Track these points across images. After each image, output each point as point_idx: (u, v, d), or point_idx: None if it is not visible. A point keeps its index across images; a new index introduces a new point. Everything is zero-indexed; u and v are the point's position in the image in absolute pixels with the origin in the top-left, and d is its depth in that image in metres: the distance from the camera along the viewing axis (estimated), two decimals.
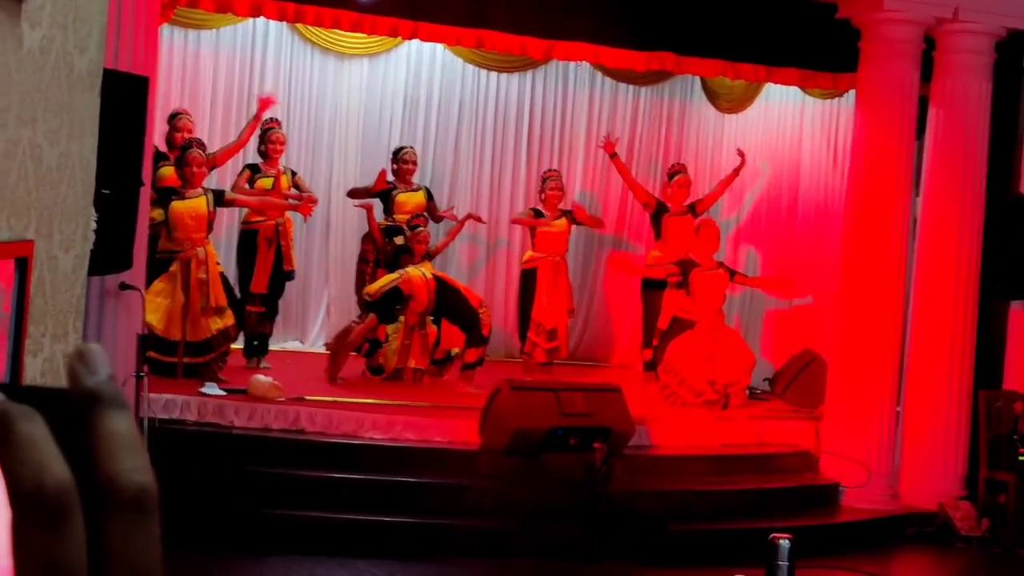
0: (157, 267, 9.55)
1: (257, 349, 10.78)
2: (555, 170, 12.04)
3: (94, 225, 3.28)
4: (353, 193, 11.64)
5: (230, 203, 10.19)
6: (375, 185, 11.35)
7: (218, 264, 9.96)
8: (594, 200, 13.07)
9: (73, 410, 0.64)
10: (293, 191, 10.80)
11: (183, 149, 9.90)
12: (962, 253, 10.52)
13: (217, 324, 9.76)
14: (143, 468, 0.65)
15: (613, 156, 11.81)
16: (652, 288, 11.88)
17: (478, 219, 11.81)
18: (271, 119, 10.79)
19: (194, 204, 9.74)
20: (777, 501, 9.87)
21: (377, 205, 11.37)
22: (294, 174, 10.96)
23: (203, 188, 9.84)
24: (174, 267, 9.67)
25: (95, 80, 3.23)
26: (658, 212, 11.90)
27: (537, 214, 11.63)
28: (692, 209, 11.90)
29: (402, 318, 10.55)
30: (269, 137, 10.69)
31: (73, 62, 3.05)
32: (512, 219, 12.34)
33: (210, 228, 9.89)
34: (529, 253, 11.73)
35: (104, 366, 0.66)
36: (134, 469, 0.64)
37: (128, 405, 0.66)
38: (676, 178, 11.99)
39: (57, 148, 3.03)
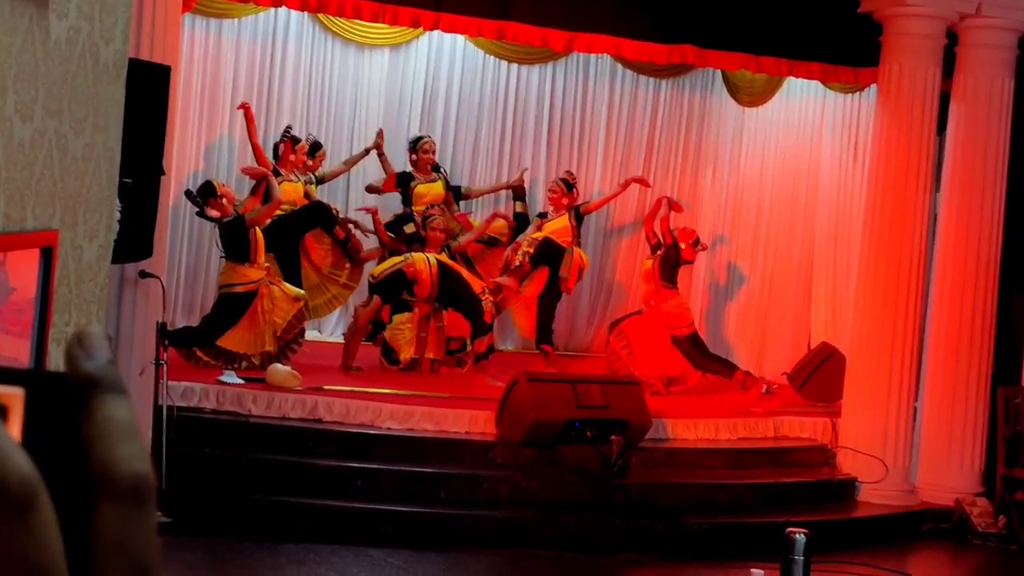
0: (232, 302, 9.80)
1: None
2: (559, 180, 11.89)
3: (118, 215, 3.30)
4: (371, 188, 11.68)
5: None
6: (376, 148, 11.47)
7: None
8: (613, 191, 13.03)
9: (70, 395, 0.62)
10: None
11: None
12: (981, 249, 10.49)
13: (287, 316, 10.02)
14: (141, 456, 0.62)
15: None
16: None
17: (506, 219, 11.81)
18: (289, 132, 10.93)
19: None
20: (794, 495, 9.87)
21: (393, 198, 11.49)
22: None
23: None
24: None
25: (120, 71, 3.25)
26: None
27: (541, 216, 11.79)
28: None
29: (415, 308, 10.59)
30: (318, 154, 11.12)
31: (99, 53, 3.07)
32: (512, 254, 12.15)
33: None
34: None
35: (104, 350, 0.63)
36: (132, 457, 0.61)
37: (127, 391, 0.63)
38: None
39: (82, 139, 3.05)
